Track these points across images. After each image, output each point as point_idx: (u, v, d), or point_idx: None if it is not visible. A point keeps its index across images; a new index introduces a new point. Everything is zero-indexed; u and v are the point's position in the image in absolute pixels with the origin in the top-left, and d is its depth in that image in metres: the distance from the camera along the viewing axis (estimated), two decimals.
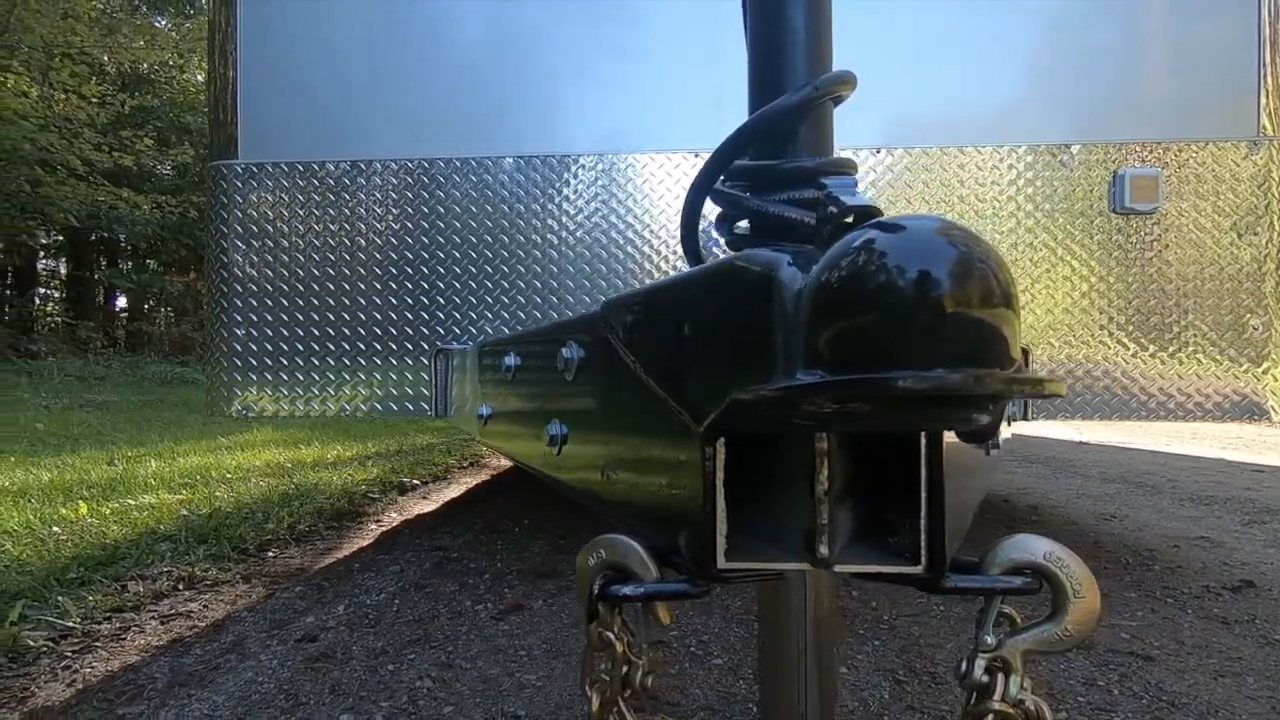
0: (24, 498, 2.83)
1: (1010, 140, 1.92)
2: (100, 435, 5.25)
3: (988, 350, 0.26)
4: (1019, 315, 0.27)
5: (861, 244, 0.26)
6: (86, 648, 1.50)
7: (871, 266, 0.26)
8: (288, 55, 2.10)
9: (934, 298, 0.25)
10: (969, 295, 0.25)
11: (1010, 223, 1.91)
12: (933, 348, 0.25)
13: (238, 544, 2.26)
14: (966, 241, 0.26)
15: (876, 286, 0.25)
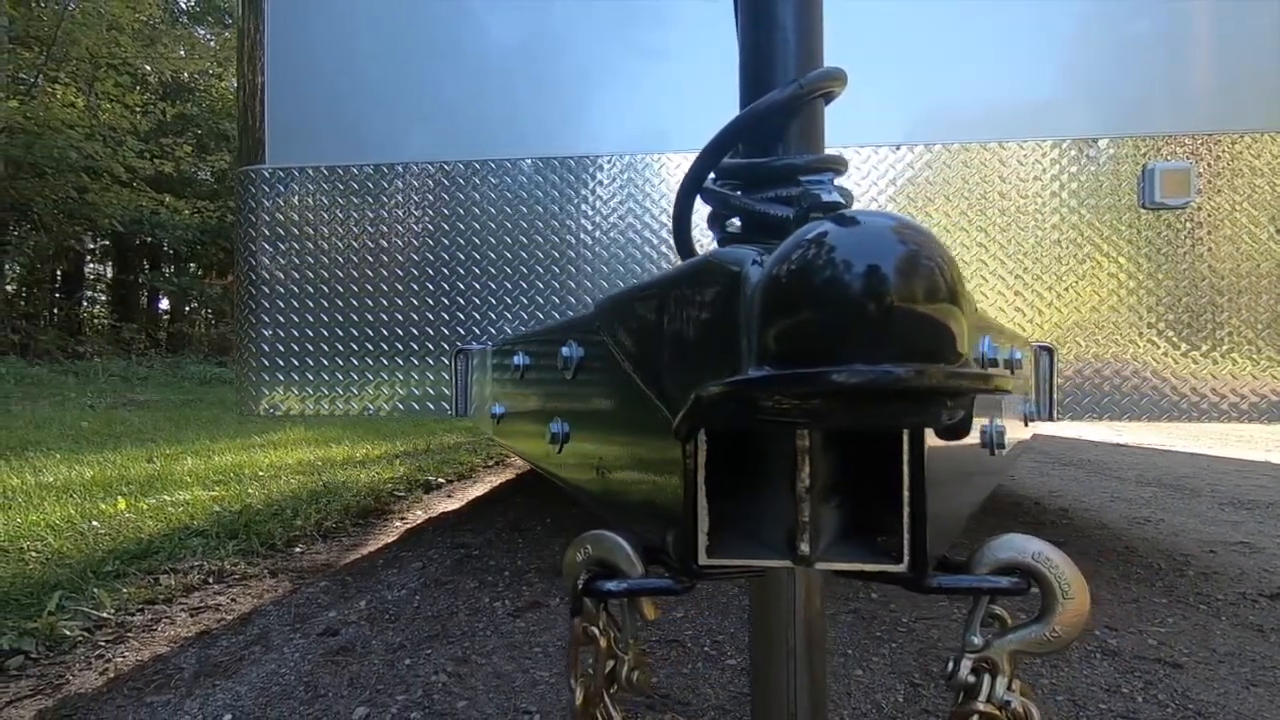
0: (67, 493, 2.93)
1: (1038, 135, 1.88)
2: (141, 433, 5.42)
3: (930, 345, 0.25)
4: (967, 312, 0.27)
5: (805, 240, 0.26)
6: (119, 638, 1.55)
7: (814, 262, 0.26)
8: (315, 61, 2.15)
9: (874, 293, 0.25)
10: (911, 291, 0.25)
11: (1037, 219, 1.87)
12: (872, 343, 0.25)
13: (266, 540, 2.32)
14: (912, 238, 0.26)
15: (817, 282, 0.26)
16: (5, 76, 11.25)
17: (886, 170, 1.89)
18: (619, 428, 0.59)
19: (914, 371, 0.25)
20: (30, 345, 11.03)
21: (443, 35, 2.09)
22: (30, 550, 2.10)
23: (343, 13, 2.14)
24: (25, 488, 3.02)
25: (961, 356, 0.26)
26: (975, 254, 1.88)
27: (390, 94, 2.11)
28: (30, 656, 1.43)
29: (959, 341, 0.26)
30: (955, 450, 0.59)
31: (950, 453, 0.57)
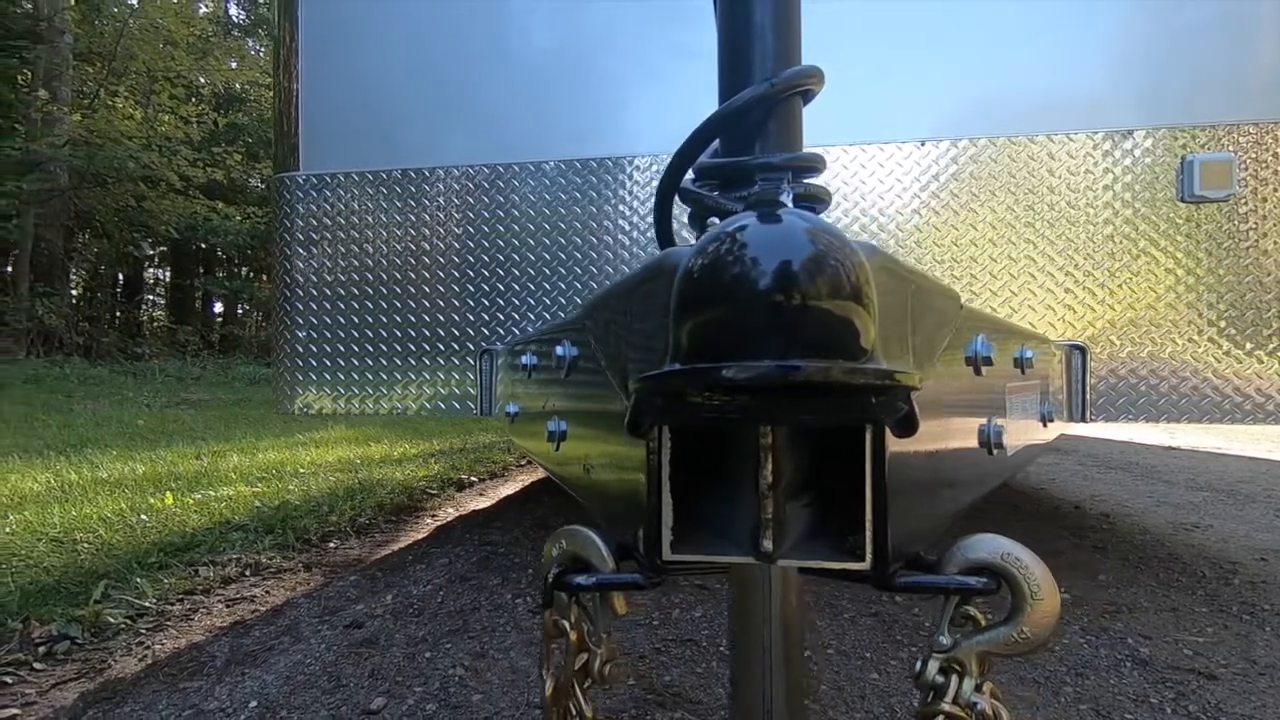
0: (120, 488, 3.07)
1: (1071, 127, 1.83)
2: (192, 431, 5.63)
3: (829, 343, 0.26)
4: (871, 310, 0.27)
5: (711, 240, 0.27)
6: (159, 626, 1.62)
7: (714, 261, 0.26)
8: (347, 70, 2.21)
9: (768, 290, 0.25)
10: (809, 289, 0.25)
11: (1069, 214, 1.81)
12: (766, 339, 0.25)
13: (302, 534, 2.39)
14: (817, 238, 0.26)
15: (715, 280, 0.26)
16: (70, 91, 11.83)
17: (929, 166, 1.85)
18: (600, 426, 0.60)
19: (802, 368, 0.25)
20: (93, 347, 11.58)
21: (475, 41, 2.13)
22: (83, 541, 2.21)
23: (374, 23, 2.20)
24: (82, 482, 3.17)
25: (866, 353, 0.26)
26: (1004, 250, 1.84)
27: (421, 101, 2.16)
28: (76, 642, 1.50)
29: (862, 339, 0.26)
30: (940, 449, 0.58)
31: (933, 451, 0.56)
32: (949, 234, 1.85)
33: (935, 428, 0.57)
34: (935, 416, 0.56)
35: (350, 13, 2.21)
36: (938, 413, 0.57)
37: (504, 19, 2.11)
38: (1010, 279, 1.84)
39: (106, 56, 11.68)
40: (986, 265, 1.84)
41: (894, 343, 0.38)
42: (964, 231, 1.85)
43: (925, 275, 0.48)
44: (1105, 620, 1.63)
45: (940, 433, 0.58)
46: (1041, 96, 1.85)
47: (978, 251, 1.85)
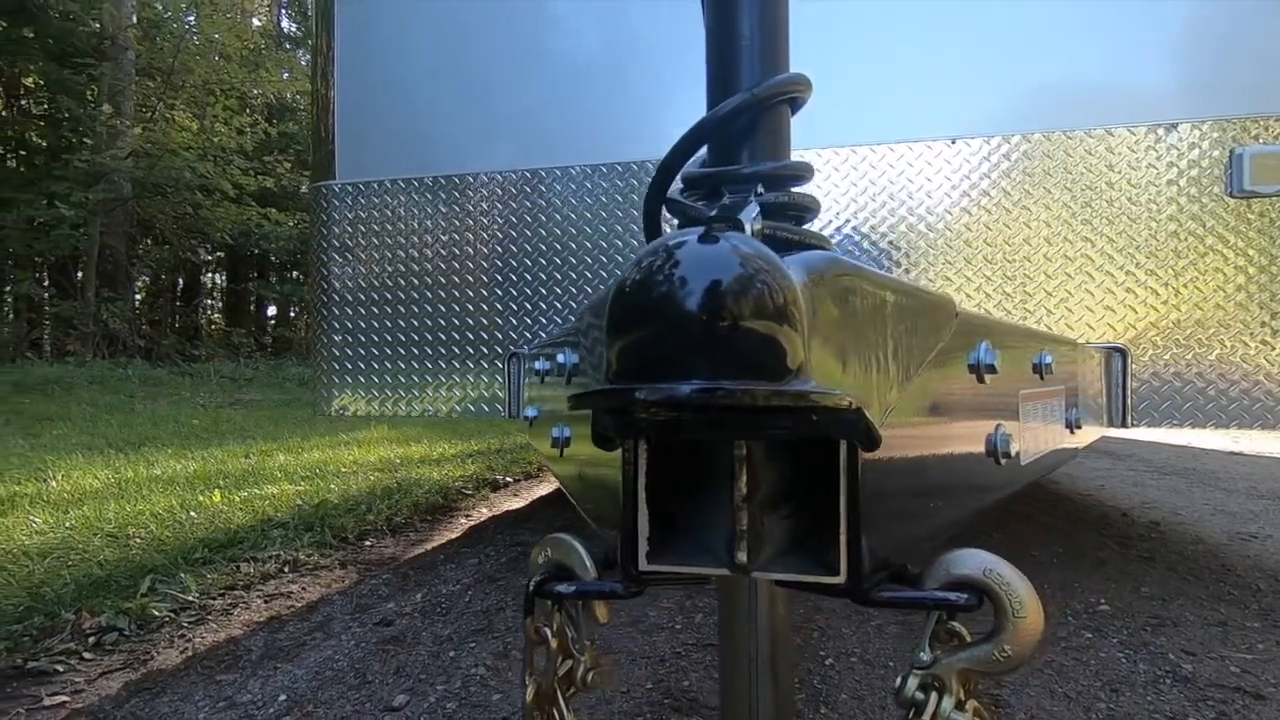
0: (172, 485, 3.21)
1: (1116, 121, 1.76)
2: (243, 431, 5.84)
3: (747, 363, 0.26)
4: (798, 330, 0.27)
5: (637, 260, 0.27)
6: (200, 620, 1.69)
7: (638, 281, 0.26)
8: (382, 79, 2.27)
9: (684, 311, 0.25)
10: (725, 310, 0.25)
11: (1114, 210, 1.75)
12: (681, 360, 0.25)
13: (339, 533, 2.46)
14: (738, 258, 0.26)
15: (637, 300, 0.26)
16: (133, 106, 12.40)
17: (980, 162, 1.80)
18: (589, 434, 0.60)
19: (712, 390, 0.25)
20: (154, 349, 12.11)
21: (511, 46, 2.15)
22: (135, 536, 2.31)
23: (409, 33, 2.25)
24: (138, 479, 3.32)
25: (790, 373, 0.26)
26: (1051, 249, 1.78)
27: (453, 108, 2.20)
28: (124, 633, 1.58)
29: (788, 359, 0.26)
30: (935, 459, 0.57)
31: (925, 462, 0.55)
32: (999, 233, 1.80)
33: (930, 437, 0.56)
34: (928, 426, 0.55)
35: (385, 22, 2.27)
36: (931, 422, 0.56)
37: (540, 24, 2.13)
38: (1046, 279, 1.78)
39: (165, 71, 12.24)
40: (1035, 265, 1.78)
41: (853, 357, 0.38)
42: (1015, 230, 1.80)
43: (905, 285, 0.48)
44: (1146, 634, 1.57)
45: (935, 442, 0.57)
46: (1083, 90, 1.79)
47: (1031, 250, 1.79)
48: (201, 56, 11.80)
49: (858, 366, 0.38)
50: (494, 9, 2.17)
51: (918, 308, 0.48)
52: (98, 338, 10.67)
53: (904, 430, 0.49)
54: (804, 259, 0.35)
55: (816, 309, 0.33)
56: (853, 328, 0.38)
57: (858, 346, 0.38)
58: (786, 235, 0.51)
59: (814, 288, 0.34)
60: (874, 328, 0.41)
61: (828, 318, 0.35)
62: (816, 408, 0.26)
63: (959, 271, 1.83)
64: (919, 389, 0.52)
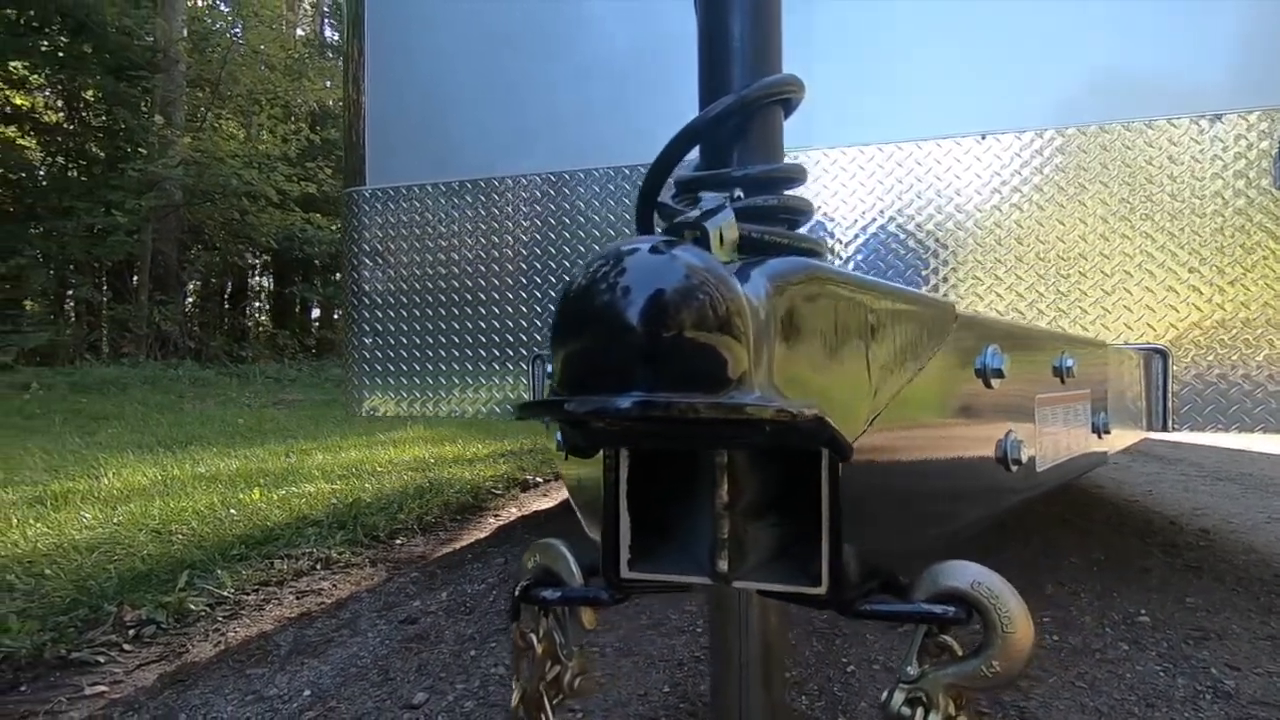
0: (215, 483, 3.31)
1: (1158, 113, 1.69)
2: (285, 430, 6.00)
3: (681, 376, 0.25)
4: (741, 340, 0.26)
5: (581, 271, 0.27)
6: (234, 615, 1.74)
7: (578, 293, 0.26)
8: (411, 86, 2.31)
9: (615, 323, 0.25)
10: (659, 321, 0.25)
11: (1154, 205, 1.68)
12: (613, 372, 0.25)
13: (371, 531, 2.51)
14: (673, 268, 0.26)
15: (575, 311, 0.26)
16: (184, 116, 12.86)
17: (1015, 159, 1.75)
18: None
19: (639, 403, 0.25)
20: (203, 351, 12.54)
21: (539, 52, 2.16)
22: (178, 532, 2.39)
23: (437, 40, 2.28)
24: (183, 477, 3.44)
25: (730, 385, 0.26)
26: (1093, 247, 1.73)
27: (481, 114, 2.23)
28: (161, 626, 1.63)
29: (728, 369, 0.26)
30: (935, 467, 0.56)
31: (923, 469, 0.54)
32: (1037, 230, 1.75)
33: (928, 444, 0.54)
34: (926, 432, 0.54)
35: (415, 28, 2.31)
36: (930, 429, 0.55)
37: (571, 27, 2.14)
38: (1084, 277, 1.72)
39: (213, 82, 12.68)
40: (1075, 263, 1.72)
41: (823, 365, 0.37)
42: (1053, 228, 1.74)
43: (892, 290, 0.46)
44: (1188, 647, 1.51)
45: (935, 449, 0.56)
46: (1124, 82, 1.72)
47: (1069, 248, 1.73)
48: (247, 67, 12.21)
49: (828, 374, 0.37)
50: (524, 13, 2.18)
51: (907, 312, 0.47)
52: (151, 339, 11.10)
53: (896, 437, 0.48)
54: (770, 266, 0.34)
55: (776, 317, 0.32)
56: (823, 335, 0.37)
57: (829, 354, 0.38)
58: (775, 239, 0.51)
59: (776, 295, 0.33)
60: (850, 334, 0.40)
61: (793, 325, 0.34)
62: (763, 420, 0.26)
63: (999, 270, 1.78)
64: (914, 395, 0.51)
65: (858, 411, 0.41)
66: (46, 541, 2.20)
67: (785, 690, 0.55)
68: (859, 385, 0.41)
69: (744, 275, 0.32)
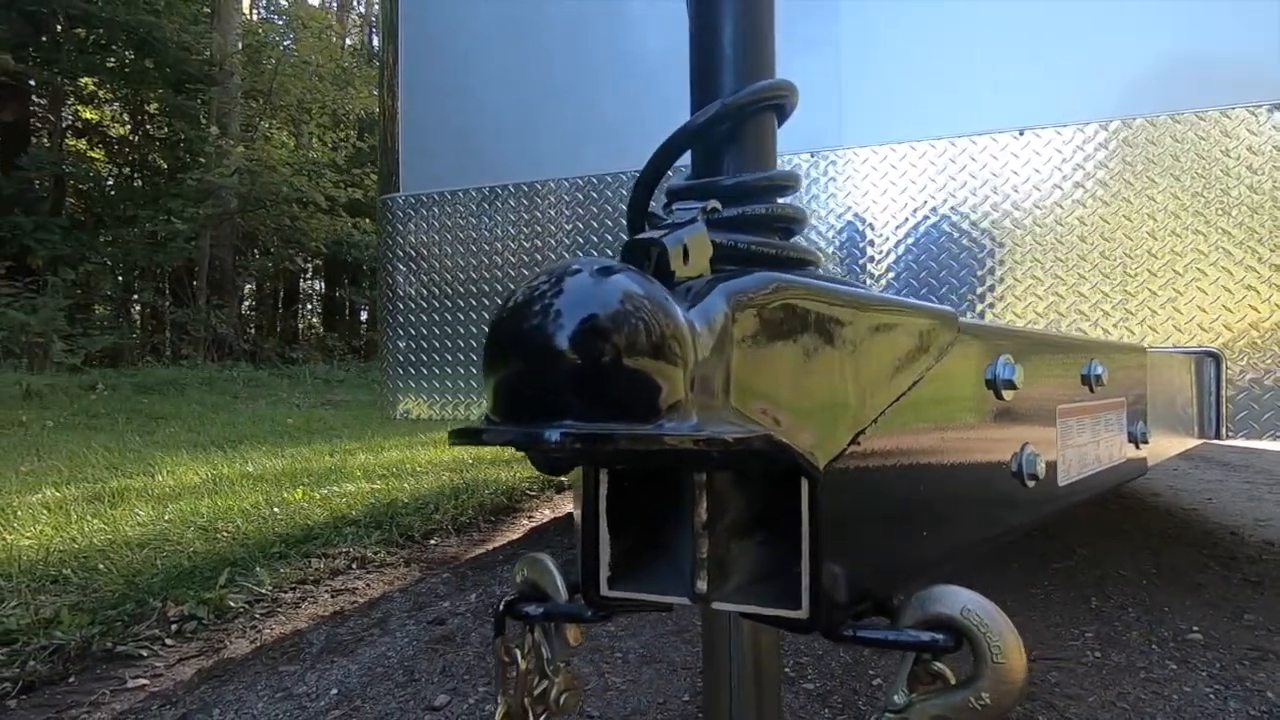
0: (261, 481, 3.42)
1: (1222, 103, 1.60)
2: (331, 430, 6.17)
3: (610, 403, 0.24)
4: (676, 366, 0.25)
5: (512, 294, 0.26)
6: (271, 612, 1.79)
7: (504, 318, 0.26)
8: (443, 92, 2.34)
9: (542, 349, 0.24)
10: (587, 347, 0.24)
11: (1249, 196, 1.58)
12: (534, 401, 0.24)
13: (406, 531, 2.55)
14: (602, 292, 0.25)
15: (500, 338, 0.25)
16: (239, 126, 13.36)
17: (1095, 150, 1.67)
18: None
19: (547, 436, 0.24)
20: (257, 352, 13.00)
21: (572, 57, 2.16)
22: (224, 530, 2.48)
23: (469, 49, 2.31)
24: (232, 476, 3.56)
25: (659, 414, 0.25)
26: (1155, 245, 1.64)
27: (512, 120, 2.25)
28: (202, 622, 1.69)
29: (660, 398, 0.25)
30: (938, 482, 0.53)
31: (924, 485, 0.52)
32: (1098, 227, 1.67)
33: (929, 460, 0.52)
34: (927, 448, 0.52)
35: (447, 36, 2.34)
36: (931, 444, 0.52)
37: (607, 29, 2.14)
38: (1151, 276, 1.63)
39: (265, 93, 13.16)
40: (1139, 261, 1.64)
41: (791, 384, 0.36)
42: (1116, 224, 1.66)
43: (882, 301, 0.45)
44: (1243, 668, 1.43)
45: (937, 466, 0.53)
46: (1193, 68, 1.63)
47: (1133, 245, 1.65)
48: (297, 77, 12.65)
49: (799, 392, 0.36)
50: (562, 16, 2.18)
51: (896, 324, 0.45)
52: (208, 342, 11.55)
53: (890, 454, 0.46)
54: (731, 284, 0.33)
55: (734, 337, 0.31)
56: (793, 352, 0.36)
57: (800, 371, 0.36)
58: (762, 250, 0.49)
59: (738, 313, 0.32)
60: (827, 350, 0.39)
61: (756, 344, 0.33)
62: (690, 450, 0.25)
63: (1057, 269, 1.70)
64: (911, 409, 0.49)
65: (836, 429, 0.39)
66: (102, 537, 2.30)
67: (780, 713, 0.54)
68: (838, 402, 0.39)
69: (700, 294, 0.31)
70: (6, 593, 1.78)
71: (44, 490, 3.10)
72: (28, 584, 1.84)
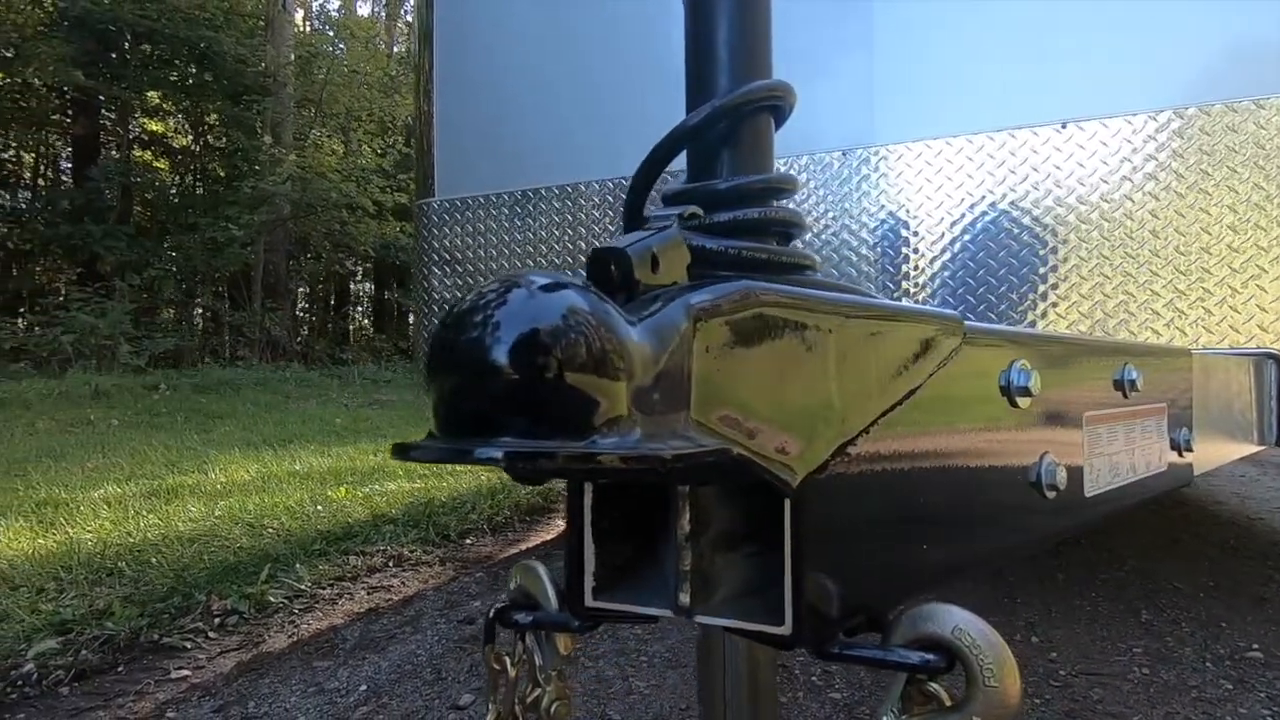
0: (307, 480, 3.52)
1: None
2: (377, 430, 6.32)
3: (542, 420, 0.24)
4: (614, 380, 0.24)
5: (453, 308, 0.26)
6: (309, 608, 1.84)
7: (443, 331, 0.26)
8: (477, 97, 2.37)
9: (474, 365, 0.24)
10: (521, 363, 0.23)
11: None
12: (472, 415, 0.24)
13: (442, 530, 2.60)
14: (538, 307, 0.24)
15: (434, 354, 0.25)
16: (291, 135, 13.81)
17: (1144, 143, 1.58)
18: None
19: (490, 453, 0.24)
20: (309, 354, 13.41)
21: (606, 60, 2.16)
22: (269, 527, 2.56)
23: (502, 56, 2.34)
24: (280, 474, 3.67)
25: (590, 430, 0.24)
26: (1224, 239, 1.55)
27: (544, 126, 2.27)
28: (244, 616, 1.75)
29: (596, 415, 0.24)
30: (943, 493, 0.51)
31: (926, 496, 0.50)
32: (1169, 221, 1.58)
33: (932, 470, 0.50)
34: (930, 458, 0.50)
35: (481, 42, 2.37)
36: (935, 454, 0.51)
37: (652, 28, 2.12)
38: (1232, 272, 1.54)
39: (315, 102, 13.58)
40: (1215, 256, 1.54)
41: (765, 394, 0.35)
42: (1188, 218, 1.56)
43: (870, 307, 0.43)
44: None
45: (945, 476, 0.51)
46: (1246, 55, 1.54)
47: (1211, 240, 1.56)
48: (346, 86, 13.02)
49: (773, 403, 0.35)
50: (600, 16, 2.18)
51: (889, 330, 0.44)
52: (262, 343, 11.98)
53: (886, 465, 0.45)
54: (696, 294, 0.32)
55: (693, 349, 0.30)
56: (766, 362, 0.35)
57: (774, 382, 0.35)
58: (752, 256, 0.48)
59: (702, 324, 0.31)
60: (806, 359, 0.37)
61: (721, 355, 0.32)
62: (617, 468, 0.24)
63: (1103, 268, 1.62)
64: (910, 418, 0.47)
65: (816, 441, 0.38)
66: (155, 532, 2.40)
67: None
68: (818, 413, 0.38)
69: (660, 305, 0.31)
70: (66, 585, 1.87)
71: (106, 486, 3.26)
72: (85, 576, 1.93)
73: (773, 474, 0.34)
